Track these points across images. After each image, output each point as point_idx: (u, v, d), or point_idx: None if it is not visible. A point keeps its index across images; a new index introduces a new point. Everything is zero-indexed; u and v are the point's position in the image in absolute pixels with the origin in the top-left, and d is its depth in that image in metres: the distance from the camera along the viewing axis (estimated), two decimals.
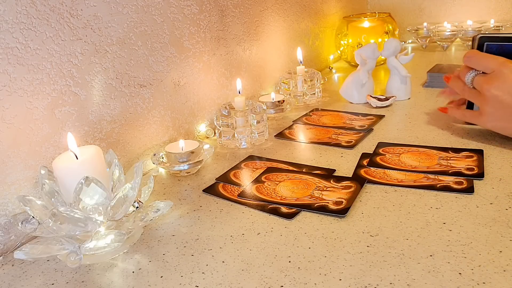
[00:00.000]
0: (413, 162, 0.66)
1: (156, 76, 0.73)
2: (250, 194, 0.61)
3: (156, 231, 0.55)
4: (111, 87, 0.66)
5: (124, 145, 0.69)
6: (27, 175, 0.55)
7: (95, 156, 0.52)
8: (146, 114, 0.73)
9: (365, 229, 0.51)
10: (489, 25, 1.40)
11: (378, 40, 1.28)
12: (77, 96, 0.61)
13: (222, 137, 0.80)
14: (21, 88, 0.53)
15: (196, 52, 0.81)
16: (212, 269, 0.46)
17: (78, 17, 0.59)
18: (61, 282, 0.47)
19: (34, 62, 0.55)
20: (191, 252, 0.50)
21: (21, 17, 0.52)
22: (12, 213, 0.54)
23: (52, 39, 0.56)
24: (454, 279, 0.41)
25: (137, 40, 0.69)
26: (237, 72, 0.93)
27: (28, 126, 0.55)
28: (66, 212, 0.46)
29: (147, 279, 0.46)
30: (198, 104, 0.84)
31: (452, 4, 1.54)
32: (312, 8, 1.25)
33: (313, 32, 1.27)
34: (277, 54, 1.09)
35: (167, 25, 0.74)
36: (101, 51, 0.63)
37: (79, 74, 0.60)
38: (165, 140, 0.77)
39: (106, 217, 0.50)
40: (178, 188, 0.66)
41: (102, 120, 0.65)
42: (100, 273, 0.48)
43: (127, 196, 0.50)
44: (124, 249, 0.51)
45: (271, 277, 0.44)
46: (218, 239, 0.52)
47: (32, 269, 0.49)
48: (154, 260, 0.49)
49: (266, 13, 1.02)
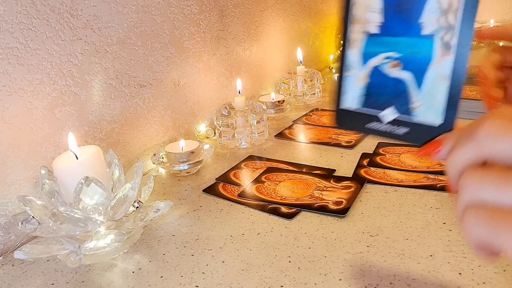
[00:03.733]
0: (413, 162, 0.66)
1: (156, 76, 0.73)
2: (250, 194, 0.61)
3: (156, 231, 0.55)
4: (111, 87, 0.66)
5: (124, 145, 0.69)
6: (27, 175, 0.55)
7: (95, 156, 0.52)
8: (146, 114, 0.73)
9: (365, 229, 0.51)
10: (489, 25, 1.39)
11: None
12: (77, 96, 0.61)
13: (222, 137, 0.80)
14: (21, 88, 0.53)
15: (196, 52, 0.81)
16: (212, 269, 0.46)
17: (78, 17, 0.59)
18: (61, 282, 0.47)
19: (34, 62, 0.54)
20: (191, 252, 0.50)
21: (21, 17, 0.52)
22: (12, 213, 0.54)
23: (52, 39, 0.56)
24: (454, 279, 0.41)
25: (137, 40, 0.69)
26: (237, 72, 0.93)
27: (28, 126, 0.55)
28: (66, 212, 0.46)
29: (147, 279, 0.46)
30: (198, 104, 0.84)
31: None
32: (312, 8, 1.25)
33: (313, 32, 1.27)
34: (277, 54, 1.09)
35: (167, 25, 0.74)
36: (101, 51, 0.63)
37: (79, 74, 0.60)
38: (165, 140, 0.77)
39: (106, 217, 0.50)
40: (178, 188, 0.66)
41: (102, 120, 0.65)
42: (100, 273, 0.48)
43: (127, 196, 0.50)
44: (124, 249, 0.51)
45: (271, 277, 0.44)
46: (218, 239, 0.52)
47: (32, 269, 0.49)
48: (154, 260, 0.49)
49: (266, 13, 1.02)
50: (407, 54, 0.31)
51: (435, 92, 0.30)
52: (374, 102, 0.32)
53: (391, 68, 0.31)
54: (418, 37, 0.30)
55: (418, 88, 0.30)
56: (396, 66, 0.31)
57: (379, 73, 0.32)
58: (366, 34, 0.32)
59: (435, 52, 0.30)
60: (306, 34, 1.23)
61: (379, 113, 0.32)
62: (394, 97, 0.32)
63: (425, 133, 0.30)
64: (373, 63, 0.32)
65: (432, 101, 0.30)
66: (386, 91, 0.32)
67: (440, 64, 0.29)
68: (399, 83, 0.31)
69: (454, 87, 0.29)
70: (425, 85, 0.30)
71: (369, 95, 0.33)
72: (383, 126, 0.32)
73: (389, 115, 0.32)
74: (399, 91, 0.31)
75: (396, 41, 0.31)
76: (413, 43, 0.30)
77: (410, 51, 0.30)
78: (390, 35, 0.31)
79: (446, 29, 0.29)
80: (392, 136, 0.32)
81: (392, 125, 0.32)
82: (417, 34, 0.30)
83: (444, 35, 0.29)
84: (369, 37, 0.32)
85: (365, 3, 0.32)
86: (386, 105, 0.32)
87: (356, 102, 0.33)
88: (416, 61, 0.30)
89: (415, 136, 0.31)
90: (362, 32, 0.32)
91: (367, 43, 0.32)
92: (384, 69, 0.32)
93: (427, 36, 0.30)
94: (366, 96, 0.33)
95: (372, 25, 0.32)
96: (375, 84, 0.32)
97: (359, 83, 0.33)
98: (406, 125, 0.31)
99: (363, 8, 0.32)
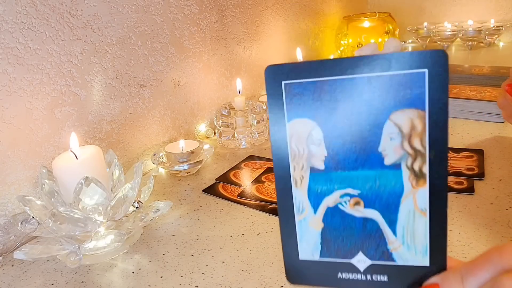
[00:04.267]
0: None
1: (156, 76, 0.73)
2: (250, 194, 0.61)
3: (156, 231, 0.55)
4: (111, 87, 0.66)
5: (124, 145, 0.69)
6: (27, 175, 0.55)
7: (95, 156, 0.52)
8: (146, 114, 0.72)
9: None
10: (489, 25, 1.40)
11: (378, 40, 1.27)
12: (77, 96, 0.61)
13: (222, 137, 0.80)
14: (21, 88, 0.53)
15: (196, 52, 0.81)
16: (212, 270, 0.46)
17: (78, 17, 0.59)
18: (61, 282, 0.47)
19: (34, 62, 0.54)
20: (191, 252, 0.50)
21: (21, 17, 0.52)
22: (12, 213, 0.53)
23: (52, 39, 0.56)
24: None
25: (137, 40, 0.69)
26: (237, 72, 0.93)
27: (28, 126, 0.55)
28: (65, 212, 0.46)
29: (147, 279, 0.46)
30: (198, 104, 0.84)
31: (453, 4, 1.54)
32: (312, 8, 1.25)
33: (313, 32, 1.27)
34: (277, 54, 1.09)
35: (167, 25, 0.74)
36: (101, 51, 0.63)
37: (79, 74, 0.60)
38: (165, 140, 0.77)
39: (106, 217, 0.50)
40: (178, 188, 0.66)
41: (102, 120, 0.65)
42: (100, 273, 0.48)
43: (127, 196, 0.50)
44: (124, 249, 0.51)
45: (271, 278, 0.44)
46: (218, 239, 0.52)
47: (32, 269, 0.49)
48: (154, 260, 0.49)
49: (266, 13, 1.02)
50: (368, 189, 0.26)
51: (413, 230, 0.26)
52: (339, 248, 0.27)
53: (351, 207, 0.27)
54: (379, 168, 0.25)
55: (390, 227, 0.26)
56: (357, 204, 0.26)
57: (337, 213, 0.27)
58: (312, 170, 0.27)
59: (405, 183, 0.25)
60: (306, 34, 1.23)
61: (348, 260, 0.27)
62: (362, 240, 0.27)
63: (409, 277, 0.26)
64: (327, 203, 0.27)
65: (411, 241, 0.26)
66: (350, 234, 0.27)
67: (413, 197, 0.25)
68: (366, 223, 0.26)
69: (436, 222, 0.25)
70: (399, 223, 0.26)
71: (331, 240, 0.27)
72: (359, 275, 0.27)
73: (360, 262, 0.27)
74: (367, 232, 0.27)
75: (351, 175, 0.26)
76: (373, 176, 0.26)
77: (372, 185, 0.26)
78: (340, 169, 0.26)
79: (413, 155, 0.25)
80: (374, 285, 0.27)
81: (369, 272, 0.27)
82: (378, 165, 0.25)
83: (413, 163, 0.25)
84: (316, 173, 0.27)
85: (303, 135, 0.26)
86: (354, 251, 0.27)
87: (317, 251, 0.28)
88: (382, 196, 0.26)
89: (399, 282, 0.27)
90: (306, 168, 0.27)
91: (314, 180, 0.27)
92: (343, 209, 0.27)
93: (390, 166, 0.25)
94: (328, 242, 0.27)
95: (317, 159, 0.26)
96: (335, 227, 0.27)
97: (315, 227, 0.27)
98: (385, 271, 0.27)
99: (301, 140, 0.27)
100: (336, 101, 0.25)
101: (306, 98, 0.26)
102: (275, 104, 0.26)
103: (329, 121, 0.26)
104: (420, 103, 0.24)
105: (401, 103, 0.24)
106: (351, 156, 0.26)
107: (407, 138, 0.25)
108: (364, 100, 0.25)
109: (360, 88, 0.25)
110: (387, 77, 0.24)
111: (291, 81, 0.26)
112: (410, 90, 0.24)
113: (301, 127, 0.26)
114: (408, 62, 0.24)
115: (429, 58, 0.23)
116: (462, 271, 0.24)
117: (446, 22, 1.50)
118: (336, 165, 0.26)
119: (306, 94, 0.26)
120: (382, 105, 0.25)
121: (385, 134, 0.25)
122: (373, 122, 0.25)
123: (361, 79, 0.24)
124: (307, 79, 0.25)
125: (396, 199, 0.26)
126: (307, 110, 0.26)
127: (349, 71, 0.25)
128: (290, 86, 0.26)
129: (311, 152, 0.26)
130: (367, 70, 0.24)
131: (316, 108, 0.26)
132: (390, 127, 0.25)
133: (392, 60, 0.24)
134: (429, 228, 0.25)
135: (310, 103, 0.26)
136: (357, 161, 0.26)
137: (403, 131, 0.25)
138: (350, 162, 0.26)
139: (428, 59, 0.23)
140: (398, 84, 0.24)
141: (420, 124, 0.24)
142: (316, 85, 0.25)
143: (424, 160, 0.24)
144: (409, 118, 0.24)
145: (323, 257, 0.28)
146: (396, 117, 0.24)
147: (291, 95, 0.26)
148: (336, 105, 0.25)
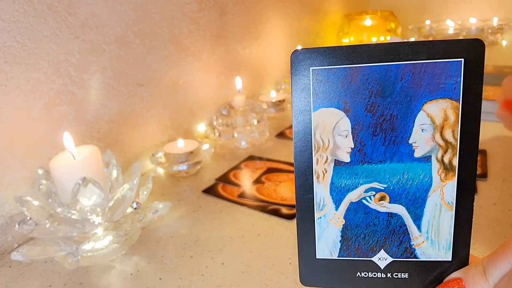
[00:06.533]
0: None
1: (154, 75, 0.72)
2: (250, 195, 0.60)
3: (155, 233, 0.54)
4: (109, 86, 0.65)
5: (122, 145, 0.69)
6: (24, 176, 0.55)
7: (93, 156, 0.51)
8: (145, 114, 0.72)
9: None
10: (492, 24, 1.39)
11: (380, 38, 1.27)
12: (75, 95, 0.60)
13: (221, 137, 0.80)
14: (18, 87, 0.53)
15: (196, 51, 0.81)
16: (211, 271, 0.46)
17: (75, 15, 0.58)
18: (58, 284, 0.46)
19: (31, 61, 0.54)
20: (190, 254, 0.49)
21: (18, 16, 0.52)
22: (9, 214, 0.53)
23: (50, 37, 0.56)
24: None
25: (135, 38, 0.68)
26: (237, 71, 0.93)
27: (25, 125, 0.54)
28: (63, 213, 0.46)
29: (146, 281, 0.45)
30: (197, 104, 0.83)
31: (455, 2, 1.53)
32: (313, 6, 1.24)
33: (314, 30, 1.27)
34: (277, 52, 1.08)
35: (166, 23, 0.73)
36: (99, 50, 0.62)
37: (76, 73, 0.60)
38: (164, 140, 0.76)
39: (104, 218, 0.49)
40: (177, 188, 0.66)
41: (100, 120, 0.64)
42: (98, 275, 0.47)
43: (125, 197, 0.49)
44: (122, 251, 0.50)
45: (271, 279, 0.43)
46: (217, 240, 0.51)
47: (29, 270, 0.49)
48: (152, 262, 0.48)
49: (267, 11, 1.01)
50: (395, 183, 0.25)
51: (438, 224, 0.25)
52: (360, 246, 0.27)
53: (376, 202, 0.26)
54: (408, 161, 0.25)
55: (415, 223, 0.26)
56: (382, 199, 0.26)
57: (360, 209, 0.26)
58: (336, 163, 0.26)
59: (434, 177, 0.25)
60: (307, 32, 1.22)
61: (369, 258, 0.27)
62: (385, 237, 0.26)
63: (430, 273, 0.26)
64: (350, 199, 0.26)
65: (435, 236, 0.25)
66: (373, 231, 0.26)
67: (441, 190, 0.25)
68: (390, 219, 0.26)
69: (462, 216, 0.25)
70: (425, 218, 0.25)
71: (351, 238, 0.27)
72: (379, 273, 0.27)
73: (381, 259, 0.27)
74: (390, 229, 0.26)
75: (377, 168, 0.25)
76: (402, 169, 0.25)
77: (399, 179, 0.25)
78: (367, 163, 0.25)
79: (444, 147, 0.24)
80: (393, 283, 0.26)
81: (390, 270, 0.26)
82: (407, 158, 0.25)
83: (443, 155, 0.24)
84: (341, 166, 0.26)
85: (329, 125, 0.25)
86: (376, 248, 0.26)
87: (336, 249, 0.27)
88: (409, 190, 0.25)
89: (419, 279, 0.26)
90: (330, 161, 0.26)
91: (338, 174, 0.26)
92: (367, 204, 0.26)
93: (420, 159, 0.25)
94: (348, 239, 0.27)
95: (343, 151, 0.26)
96: (357, 224, 0.26)
97: (335, 224, 0.27)
98: (406, 268, 0.26)
99: (327, 131, 0.25)
100: (367, 90, 0.24)
101: (335, 85, 0.25)
102: (300, 92, 0.25)
103: (359, 111, 0.25)
104: (455, 93, 0.23)
105: (435, 93, 0.24)
106: (379, 149, 0.25)
107: (439, 129, 0.24)
108: (396, 90, 0.24)
109: (394, 76, 0.24)
110: (422, 65, 0.23)
111: (320, 67, 0.25)
112: (445, 79, 0.23)
113: (328, 116, 0.25)
114: (444, 51, 0.23)
115: (466, 47, 0.23)
116: (484, 263, 0.24)
117: (449, 20, 1.49)
118: (362, 157, 0.25)
119: (336, 81, 0.25)
120: (415, 95, 0.24)
121: (417, 125, 0.24)
122: (405, 113, 0.24)
123: (395, 67, 0.24)
124: (338, 66, 0.24)
125: (423, 193, 0.25)
126: (336, 98, 0.25)
127: (383, 58, 0.24)
128: (319, 72, 0.25)
129: (336, 143, 0.25)
130: (401, 58, 0.24)
131: (346, 96, 0.25)
132: (422, 118, 0.24)
133: (429, 48, 0.23)
134: (454, 222, 0.25)
135: (339, 91, 0.25)
136: (386, 154, 0.25)
137: (435, 122, 0.24)
138: (378, 154, 0.25)
139: (465, 48, 0.23)
140: (433, 73, 0.23)
141: (453, 115, 0.24)
142: (347, 71, 0.24)
143: (455, 152, 0.24)
144: (442, 108, 0.24)
145: (342, 256, 0.27)
146: (429, 108, 0.24)
147: (319, 82, 0.25)
148: (367, 94, 0.24)
